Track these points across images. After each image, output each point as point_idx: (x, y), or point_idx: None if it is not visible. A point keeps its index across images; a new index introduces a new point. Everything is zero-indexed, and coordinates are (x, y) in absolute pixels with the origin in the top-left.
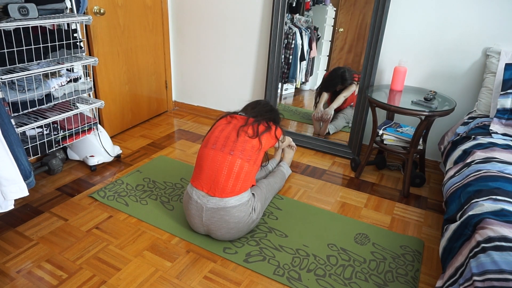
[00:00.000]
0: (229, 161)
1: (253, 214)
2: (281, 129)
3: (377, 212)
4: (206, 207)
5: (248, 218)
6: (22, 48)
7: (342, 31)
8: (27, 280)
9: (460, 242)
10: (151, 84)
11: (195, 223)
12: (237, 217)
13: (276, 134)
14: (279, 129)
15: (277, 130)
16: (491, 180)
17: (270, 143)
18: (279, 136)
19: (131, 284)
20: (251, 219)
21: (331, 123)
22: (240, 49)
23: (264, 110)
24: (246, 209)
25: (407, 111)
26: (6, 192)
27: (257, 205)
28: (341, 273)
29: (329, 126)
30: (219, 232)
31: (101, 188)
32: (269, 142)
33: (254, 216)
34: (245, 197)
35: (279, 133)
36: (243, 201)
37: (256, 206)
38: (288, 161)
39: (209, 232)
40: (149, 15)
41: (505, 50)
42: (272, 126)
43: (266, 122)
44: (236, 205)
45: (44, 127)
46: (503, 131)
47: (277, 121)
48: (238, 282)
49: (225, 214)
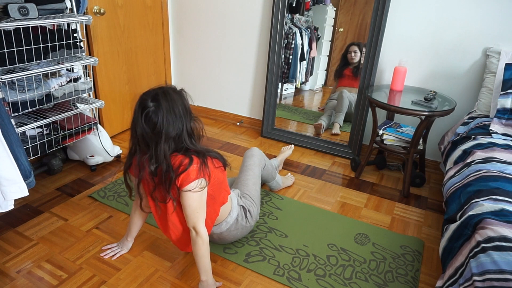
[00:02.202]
0: (170, 219)
1: (250, 221)
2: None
3: (377, 212)
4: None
5: (245, 227)
6: (22, 48)
7: (342, 31)
8: (27, 280)
9: (460, 242)
10: (151, 84)
11: None
12: (232, 236)
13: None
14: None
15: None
16: (491, 180)
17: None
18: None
19: (131, 284)
20: (248, 225)
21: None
22: (240, 49)
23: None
24: (237, 226)
25: (407, 111)
26: (6, 192)
27: (252, 210)
28: (341, 273)
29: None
30: (222, 243)
31: (101, 188)
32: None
33: (252, 222)
34: (230, 221)
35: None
36: (230, 224)
37: (252, 212)
38: (280, 158)
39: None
40: (149, 15)
41: (505, 50)
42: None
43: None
44: (223, 231)
45: (44, 127)
46: (503, 131)
47: (190, 139)
48: (238, 282)
49: (217, 238)
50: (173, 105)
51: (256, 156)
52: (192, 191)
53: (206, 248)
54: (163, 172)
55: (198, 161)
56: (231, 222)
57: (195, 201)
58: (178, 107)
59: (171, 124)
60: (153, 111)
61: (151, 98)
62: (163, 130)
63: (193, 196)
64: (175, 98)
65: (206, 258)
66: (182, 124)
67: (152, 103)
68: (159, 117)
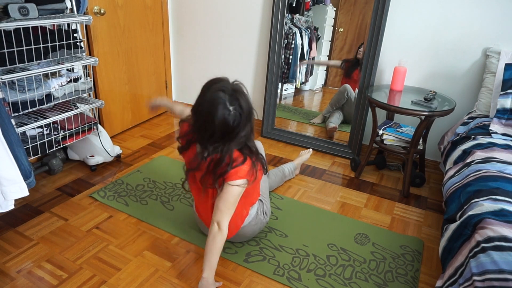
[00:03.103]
0: (211, 204)
1: (265, 216)
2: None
3: (377, 212)
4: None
5: (262, 222)
6: (22, 48)
7: (342, 31)
8: (27, 280)
9: (460, 242)
10: (151, 84)
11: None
12: (251, 231)
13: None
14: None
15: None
16: (491, 180)
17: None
18: (247, 174)
19: (131, 284)
20: (265, 220)
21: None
22: (240, 49)
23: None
24: (257, 221)
25: (407, 111)
26: (6, 192)
27: (266, 207)
28: (341, 273)
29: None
30: (235, 241)
31: (101, 188)
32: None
33: (267, 218)
34: (252, 213)
35: (244, 172)
36: (252, 217)
37: (266, 209)
38: (297, 161)
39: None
40: (149, 15)
41: (505, 50)
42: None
43: (226, 157)
44: (245, 224)
45: (44, 127)
46: (503, 131)
47: (247, 139)
48: (238, 282)
49: (237, 235)
50: (249, 109)
51: (262, 148)
52: (235, 186)
53: (221, 245)
54: (219, 163)
55: (250, 162)
56: (253, 215)
57: (233, 196)
58: (251, 111)
59: (245, 127)
60: (234, 115)
61: (229, 99)
62: (237, 133)
63: (233, 192)
64: (248, 99)
65: (217, 256)
66: (250, 126)
67: (232, 107)
68: (237, 121)
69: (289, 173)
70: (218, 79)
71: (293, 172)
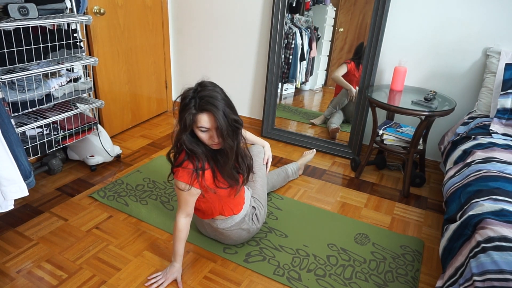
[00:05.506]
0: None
1: (256, 223)
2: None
3: (377, 212)
4: (205, 221)
5: (250, 228)
6: (22, 48)
7: (342, 31)
8: (27, 280)
9: (460, 242)
10: (151, 84)
11: (202, 231)
12: (236, 235)
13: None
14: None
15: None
16: (491, 180)
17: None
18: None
19: (131, 284)
20: (254, 227)
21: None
22: (240, 49)
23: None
24: (242, 226)
25: (407, 111)
26: (6, 192)
27: (259, 212)
28: (341, 273)
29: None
30: (225, 242)
31: (101, 188)
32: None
33: (258, 225)
34: (236, 218)
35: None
36: (236, 221)
37: (258, 214)
38: (301, 162)
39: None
40: (149, 15)
41: (505, 50)
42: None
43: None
44: (226, 227)
45: (44, 127)
46: (503, 131)
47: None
48: (238, 282)
49: (220, 234)
50: (210, 98)
51: (262, 152)
52: (178, 183)
53: (177, 234)
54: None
55: (187, 169)
56: (237, 220)
57: (179, 193)
58: (213, 101)
59: (187, 114)
60: (187, 91)
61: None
62: (182, 117)
63: (177, 188)
64: (214, 94)
65: (178, 243)
66: (187, 119)
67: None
68: (188, 98)
69: (292, 174)
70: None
71: (296, 173)
